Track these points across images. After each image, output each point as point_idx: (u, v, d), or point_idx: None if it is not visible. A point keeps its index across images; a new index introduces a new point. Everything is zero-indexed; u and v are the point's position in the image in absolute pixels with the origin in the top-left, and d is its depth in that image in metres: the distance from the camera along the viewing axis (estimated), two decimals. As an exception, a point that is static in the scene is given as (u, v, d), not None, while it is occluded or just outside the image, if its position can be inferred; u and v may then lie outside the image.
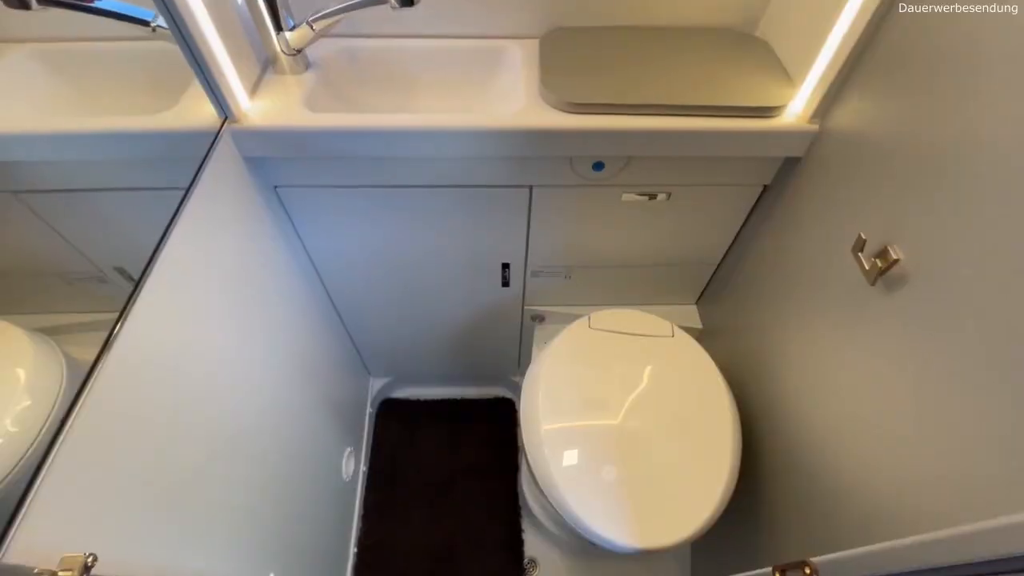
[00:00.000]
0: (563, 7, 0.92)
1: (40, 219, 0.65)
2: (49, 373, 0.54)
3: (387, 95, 0.99)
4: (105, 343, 0.57)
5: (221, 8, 0.77)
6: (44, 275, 0.61)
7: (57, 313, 0.61)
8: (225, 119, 0.81)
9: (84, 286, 0.68)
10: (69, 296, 0.63)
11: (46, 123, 0.89)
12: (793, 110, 0.84)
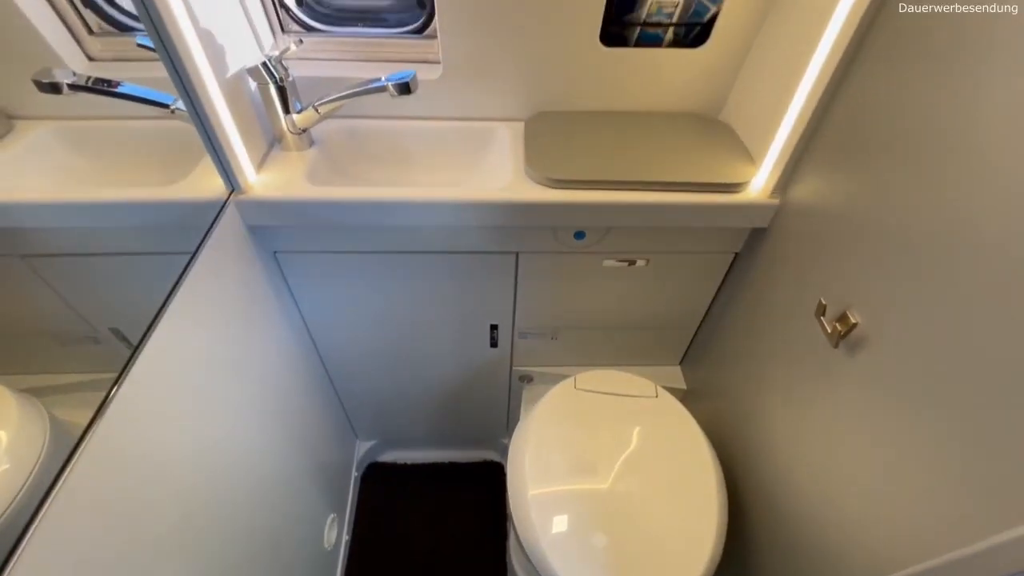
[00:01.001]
0: (546, 94, 1.03)
1: (42, 280, 0.68)
2: (32, 436, 0.54)
3: (384, 169, 1.07)
4: (100, 407, 0.58)
5: (236, 94, 0.85)
6: (39, 335, 0.62)
7: (48, 374, 0.62)
8: (232, 191, 0.87)
9: (78, 347, 0.70)
10: (62, 357, 0.64)
11: (61, 193, 0.94)
12: (755, 186, 0.92)
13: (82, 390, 0.62)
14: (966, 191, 0.54)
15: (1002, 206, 0.50)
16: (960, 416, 0.53)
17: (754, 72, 0.95)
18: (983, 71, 0.53)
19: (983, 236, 0.51)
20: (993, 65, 0.51)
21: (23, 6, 0.90)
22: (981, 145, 0.52)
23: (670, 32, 0.92)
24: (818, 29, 0.73)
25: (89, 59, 1.04)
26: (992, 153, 0.51)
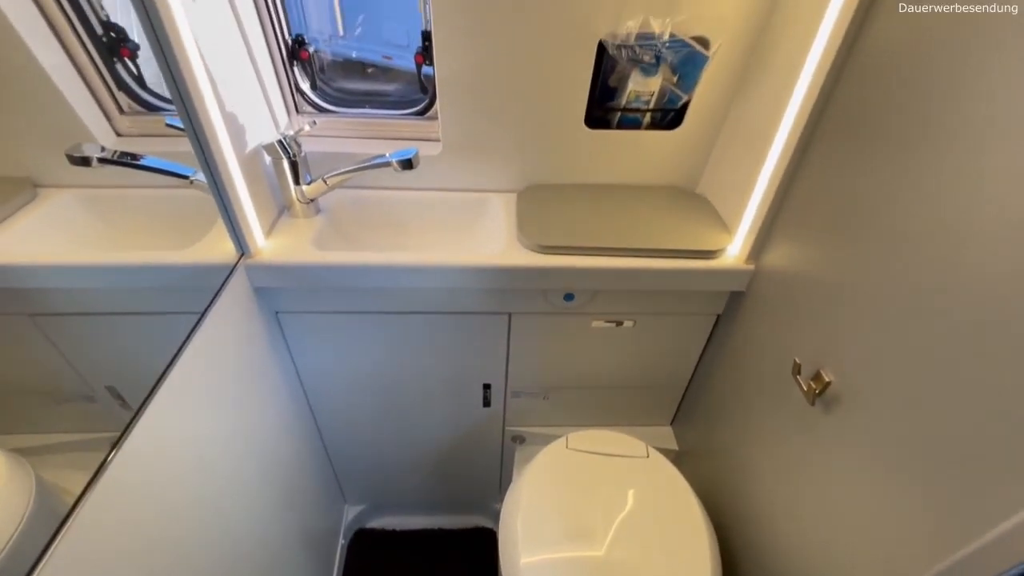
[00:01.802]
0: (537, 169, 1.12)
1: (46, 338, 0.71)
2: (16, 498, 0.54)
3: (386, 236, 1.13)
4: (96, 472, 0.58)
5: (252, 167, 0.93)
6: (34, 393, 0.64)
7: (39, 433, 0.62)
8: (242, 255, 0.92)
9: (72, 406, 0.72)
10: (55, 416, 0.65)
11: (78, 256, 1.00)
12: (731, 252, 0.99)
13: (73, 450, 0.63)
14: (916, 256, 0.60)
15: (952, 271, 0.55)
16: (931, 472, 0.56)
17: (725, 150, 1.05)
18: (926, 150, 0.60)
19: (939, 301, 0.57)
20: (934, 143, 0.59)
21: (63, 88, 1.00)
22: (928, 215, 0.59)
23: (647, 116, 1.03)
24: (778, 114, 0.83)
25: (117, 135, 1.13)
26: (938, 223, 0.58)
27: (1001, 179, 0.50)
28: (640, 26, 0.87)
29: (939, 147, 0.57)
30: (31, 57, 0.94)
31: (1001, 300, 0.49)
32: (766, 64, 0.89)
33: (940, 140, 0.57)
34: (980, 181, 0.52)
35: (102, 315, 0.83)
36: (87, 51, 1.03)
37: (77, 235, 1.08)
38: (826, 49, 0.73)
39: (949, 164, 0.56)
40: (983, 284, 0.51)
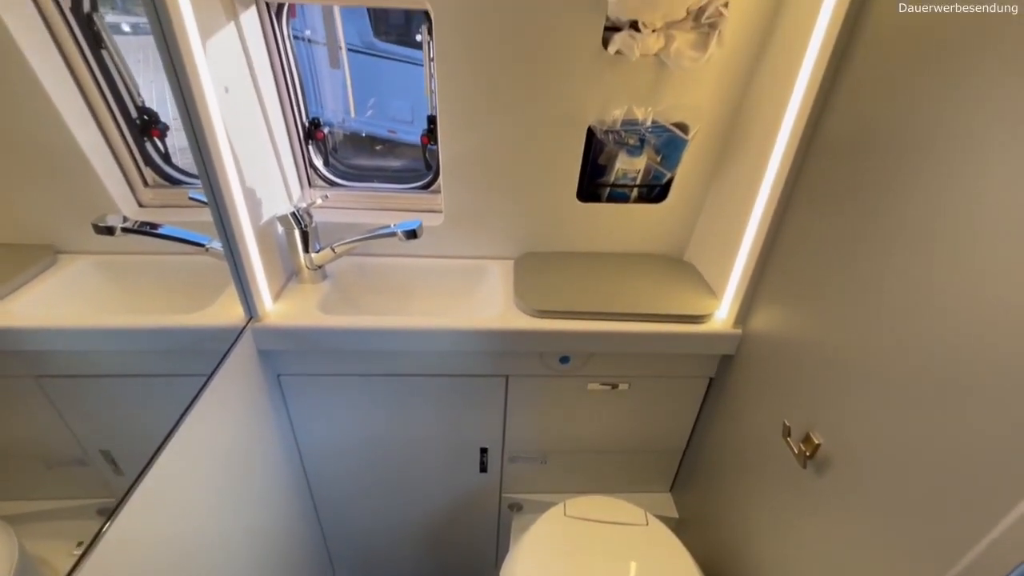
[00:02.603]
0: (533, 238, 1.18)
1: (48, 400, 0.72)
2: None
3: (389, 300, 1.18)
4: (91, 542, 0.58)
5: (266, 236, 0.99)
6: (28, 457, 0.64)
7: (27, 500, 0.62)
8: (251, 318, 0.96)
9: (64, 470, 0.72)
10: (46, 480, 0.65)
11: (90, 319, 1.03)
12: (719, 317, 1.03)
13: (60, 518, 0.62)
14: (890, 317, 0.64)
15: (924, 331, 0.60)
16: (921, 533, 0.57)
17: (709, 221, 1.12)
18: (886, 216, 0.66)
19: (918, 362, 0.60)
20: (892, 209, 0.65)
21: (96, 164, 1.08)
22: (896, 276, 0.64)
23: (635, 191, 1.11)
24: (754, 187, 0.90)
25: (139, 205, 1.20)
26: (905, 282, 0.63)
27: (956, 241, 0.55)
28: (625, 114, 0.96)
29: (897, 212, 0.63)
30: (70, 136, 1.03)
31: (971, 359, 0.53)
32: (741, 144, 0.98)
33: (896, 206, 0.63)
34: (935, 242, 0.58)
35: (108, 377, 0.85)
36: (121, 131, 1.12)
37: (92, 299, 1.13)
38: (792, 131, 0.81)
39: (909, 228, 0.61)
40: (954, 344, 0.55)
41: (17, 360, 0.74)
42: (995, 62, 0.52)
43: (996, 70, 0.52)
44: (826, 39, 0.73)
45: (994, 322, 0.50)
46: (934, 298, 0.57)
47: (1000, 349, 0.50)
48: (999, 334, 0.50)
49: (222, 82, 0.82)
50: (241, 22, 0.88)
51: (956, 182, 0.55)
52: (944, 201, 0.57)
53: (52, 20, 0.96)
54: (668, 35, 0.85)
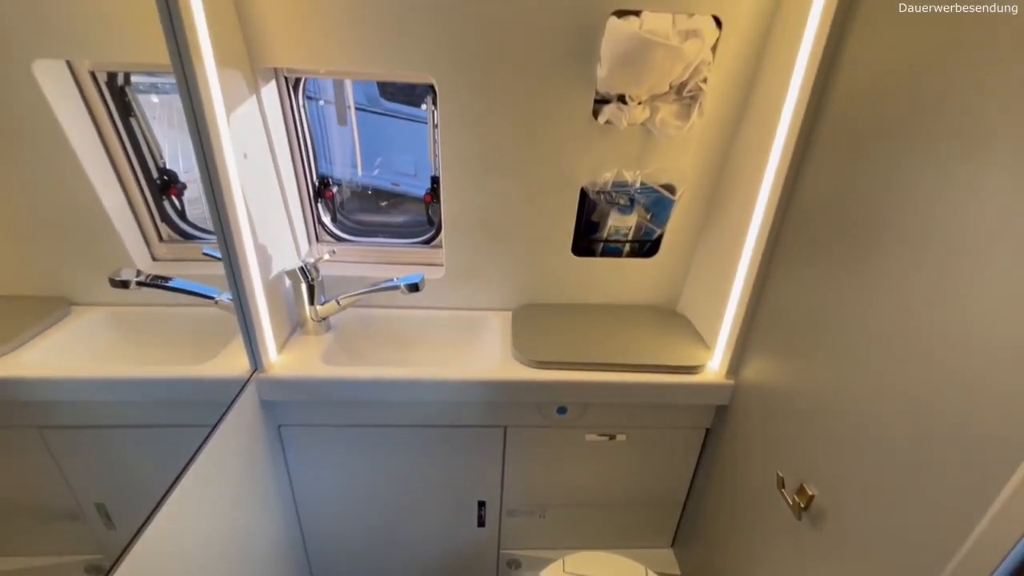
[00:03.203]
0: (530, 290, 1.23)
1: (48, 451, 0.74)
2: None
3: (391, 351, 1.21)
4: None
5: (274, 289, 1.03)
6: (20, 511, 0.65)
7: (14, 556, 0.62)
8: (255, 369, 0.99)
9: (55, 525, 0.72)
10: (36, 535, 0.66)
11: (97, 369, 1.06)
12: (711, 367, 1.06)
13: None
14: (872, 366, 0.67)
15: (908, 380, 0.62)
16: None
17: (699, 274, 1.17)
18: (854, 273, 0.71)
19: (900, 405, 0.62)
20: (862, 267, 0.70)
21: (117, 223, 1.14)
22: (878, 331, 0.67)
23: (627, 246, 1.16)
24: (739, 243, 0.95)
25: (153, 259, 1.26)
26: (884, 341, 0.66)
27: (928, 292, 0.59)
28: (615, 176, 1.03)
29: (869, 271, 0.68)
30: (96, 199, 1.09)
31: (952, 406, 0.55)
32: (725, 204, 1.05)
33: (866, 265, 0.68)
34: (906, 298, 0.61)
35: (111, 428, 0.86)
36: (142, 192, 1.19)
37: (102, 351, 1.16)
38: (771, 193, 0.87)
39: (881, 286, 0.66)
40: (936, 391, 0.58)
41: (22, 411, 0.76)
42: (939, 134, 0.58)
43: (941, 142, 0.58)
44: (796, 111, 0.80)
45: (966, 372, 0.53)
46: (909, 349, 0.60)
47: (972, 401, 0.52)
48: (970, 386, 0.53)
49: (242, 149, 0.89)
50: (262, 95, 0.96)
51: (912, 241, 0.60)
52: (905, 261, 0.61)
53: (88, 93, 1.05)
54: (653, 106, 0.93)
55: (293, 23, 0.89)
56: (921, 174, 0.60)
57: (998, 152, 0.51)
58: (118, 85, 1.05)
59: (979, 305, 0.52)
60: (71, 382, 0.87)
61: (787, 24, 0.84)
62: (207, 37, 0.77)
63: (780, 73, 0.84)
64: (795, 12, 0.81)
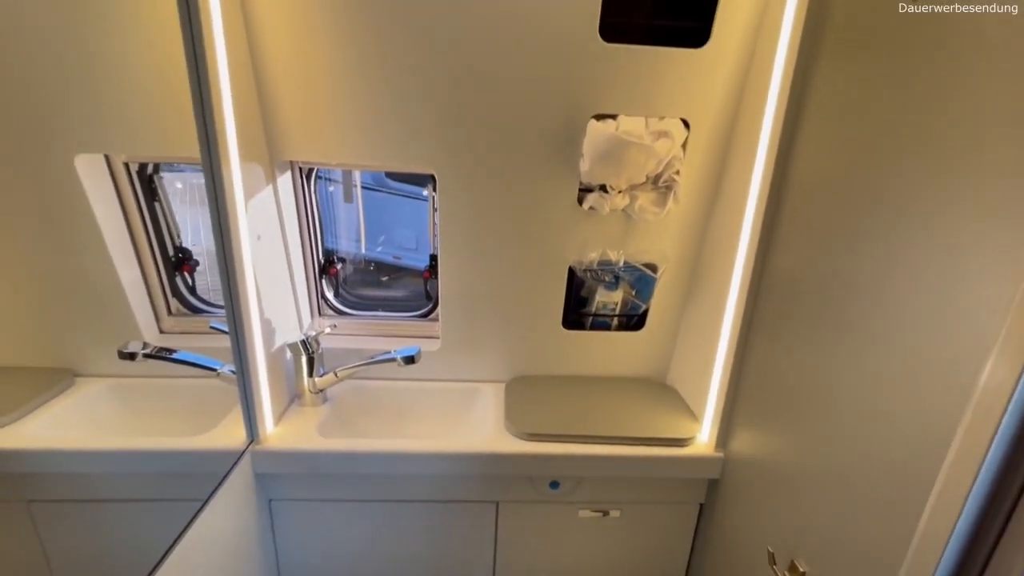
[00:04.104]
0: (523, 363, 1.27)
1: (34, 529, 0.74)
2: None
3: (385, 423, 1.23)
4: None
5: (275, 361, 1.07)
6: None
7: None
8: (252, 441, 1.00)
9: None
10: None
11: (93, 441, 1.07)
12: (701, 440, 1.08)
13: None
14: (849, 438, 0.69)
15: (887, 452, 0.65)
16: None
17: (685, 347, 1.22)
18: (823, 342, 0.75)
19: (877, 484, 0.64)
20: (829, 336, 0.74)
21: (131, 298, 1.20)
22: (844, 401, 0.71)
23: (615, 320, 1.22)
24: (718, 317, 1.01)
25: (160, 332, 1.31)
26: (859, 411, 0.69)
27: (879, 362, 0.64)
28: (600, 256, 1.11)
29: (825, 343, 0.72)
30: (115, 274, 1.16)
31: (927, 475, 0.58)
32: (704, 281, 1.12)
33: (831, 334, 0.73)
34: (877, 373, 0.66)
35: (101, 502, 0.87)
36: (157, 268, 1.27)
37: (102, 422, 1.18)
38: (744, 269, 0.94)
39: (852, 359, 0.70)
40: (905, 461, 0.60)
41: (12, 484, 0.77)
42: (867, 224, 0.65)
43: (870, 230, 0.65)
44: (759, 198, 0.89)
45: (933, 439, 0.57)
46: (878, 418, 0.64)
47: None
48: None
49: (256, 231, 0.97)
50: (278, 184, 1.06)
51: (856, 318, 0.66)
52: (856, 335, 0.67)
53: (120, 180, 1.15)
54: (632, 195, 1.03)
55: (309, 123, 1.00)
56: (857, 258, 0.67)
57: (913, 239, 0.58)
58: (147, 174, 1.16)
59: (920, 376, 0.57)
60: (64, 454, 0.89)
61: (747, 127, 0.95)
62: (234, 135, 0.87)
63: (744, 167, 0.94)
64: (752, 117, 0.92)
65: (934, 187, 0.57)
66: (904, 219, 0.61)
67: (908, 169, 0.61)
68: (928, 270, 0.57)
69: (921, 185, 0.59)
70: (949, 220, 0.55)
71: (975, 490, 0.51)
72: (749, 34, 0.91)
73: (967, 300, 0.52)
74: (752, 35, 0.91)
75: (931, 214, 0.57)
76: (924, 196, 0.59)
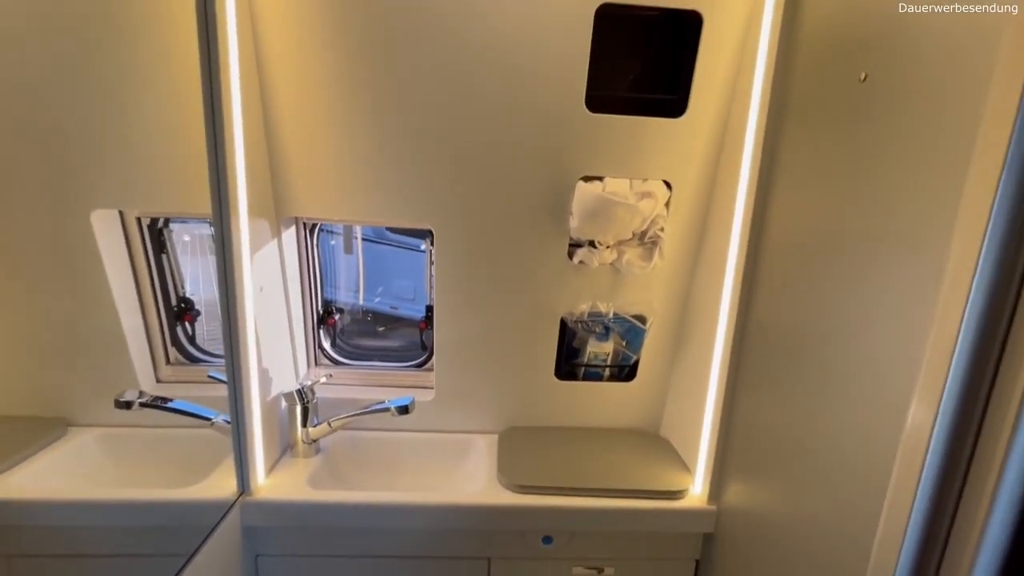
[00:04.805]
0: (516, 413, 1.27)
1: None
2: None
3: (377, 475, 1.22)
4: None
5: (270, 411, 1.08)
6: None
7: None
8: (242, 492, 1.00)
9: None
10: None
11: (80, 492, 1.06)
12: (694, 493, 1.07)
13: None
14: (841, 492, 0.70)
15: (856, 501, 0.66)
16: None
17: (676, 398, 1.23)
18: (804, 392, 0.77)
19: (856, 540, 0.65)
20: (832, 393, 0.76)
21: (132, 346, 1.22)
22: (832, 451, 0.72)
23: (607, 371, 1.24)
24: (706, 368, 1.03)
25: (157, 381, 1.32)
26: (844, 463, 0.71)
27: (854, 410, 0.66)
28: (590, 308, 1.15)
29: (808, 390, 0.75)
30: (117, 323, 1.19)
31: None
32: (692, 332, 1.15)
33: (807, 385, 0.75)
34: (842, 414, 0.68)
35: (83, 557, 0.86)
36: (159, 317, 1.30)
37: (92, 473, 1.17)
38: (728, 321, 0.98)
39: (831, 410, 0.72)
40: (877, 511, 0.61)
41: (-6, 536, 0.77)
42: (832, 278, 0.69)
43: (837, 284, 0.69)
44: (739, 253, 0.94)
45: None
46: (846, 468, 0.65)
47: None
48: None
49: (259, 283, 1.01)
50: (283, 238, 1.11)
51: (826, 368, 0.69)
52: (827, 385, 0.69)
53: (131, 234, 1.20)
54: (620, 250, 1.08)
55: (315, 181, 1.07)
56: (824, 311, 0.71)
57: (866, 296, 0.63)
58: (158, 227, 1.22)
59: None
60: (47, 505, 0.89)
61: (725, 188, 1.02)
62: (244, 193, 0.93)
63: (723, 225, 1.00)
64: (729, 179, 0.99)
65: (882, 246, 0.62)
66: (860, 275, 0.65)
67: (857, 228, 0.66)
68: (878, 323, 0.62)
69: (869, 242, 0.64)
70: (894, 280, 0.60)
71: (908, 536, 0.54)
72: (723, 105, 1.00)
73: (911, 350, 0.56)
74: (726, 106, 1.00)
75: (879, 273, 0.62)
76: (875, 253, 0.63)
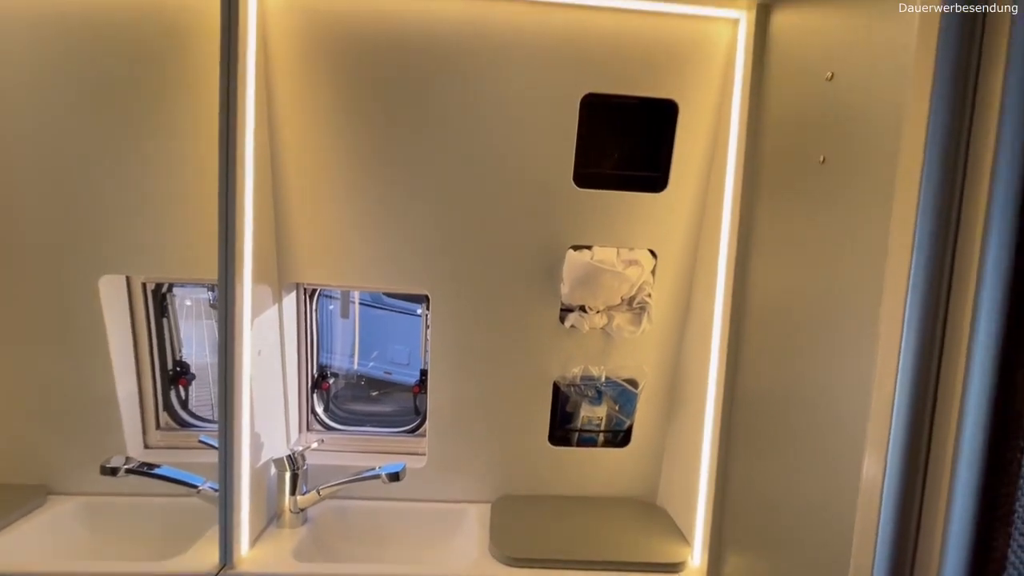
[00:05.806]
0: (510, 481, 1.25)
1: None
2: None
3: (365, 547, 1.17)
4: None
5: (259, 478, 1.06)
6: None
7: None
8: (224, 566, 0.96)
9: None
10: None
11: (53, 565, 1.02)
12: (692, 565, 1.04)
13: None
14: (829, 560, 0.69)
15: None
16: None
17: (671, 466, 1.22)
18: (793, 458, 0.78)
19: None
20: (818, 462, 0.77)
21: (124, 412, 1.22)
22: (819, 516, 0.72)
23: (601, 436, 1.24)
24: (698, 436, 1.03)
25: (145, 447, 1.30)
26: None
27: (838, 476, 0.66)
28: (583, 371, 1.17)
29: (794, 455, 0.75)
30: (112, 387, 1.20)
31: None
32: (683, 397, 1.16)
33: (792, 449, 0.76)
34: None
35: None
36: (154, 381, 1.30)
37: (67, 544, 1.13)
38: (716, 387, 0.99)
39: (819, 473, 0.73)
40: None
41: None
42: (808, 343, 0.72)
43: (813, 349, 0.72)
44: (723, 319, 0.98)
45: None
46: (835, 535, 0.65)
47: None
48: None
49: (257, 347, 1.03)
50: (283, 304, 1.15)
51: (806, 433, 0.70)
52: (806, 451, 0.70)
53: (135, 298, 1.24)
54: (609, 315, 1.12)
55: (317, 249, 1.12)
56: (804, 375, 0.74)
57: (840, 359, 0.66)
58: (161, 292, 1.25)
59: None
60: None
61: (707, 256, 1.07)
62: (250, 260, 0.98)
63: (708, 292, 1.04)
64: (711, 248, 1.04)
65: (838, 315, 0.66)
66: (828, 343, 0.69)
67: (820, 298, 0.71)
68: (841, 389, 0.64)
69: (830, 312, 0.68)
70: (849, 348, 0.63)
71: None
72: (701, 181, 1.07)
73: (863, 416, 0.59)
74: (704, 182, 1.07)
75: (838, 341, 0.66)
76: (835, 322, 0.67)
